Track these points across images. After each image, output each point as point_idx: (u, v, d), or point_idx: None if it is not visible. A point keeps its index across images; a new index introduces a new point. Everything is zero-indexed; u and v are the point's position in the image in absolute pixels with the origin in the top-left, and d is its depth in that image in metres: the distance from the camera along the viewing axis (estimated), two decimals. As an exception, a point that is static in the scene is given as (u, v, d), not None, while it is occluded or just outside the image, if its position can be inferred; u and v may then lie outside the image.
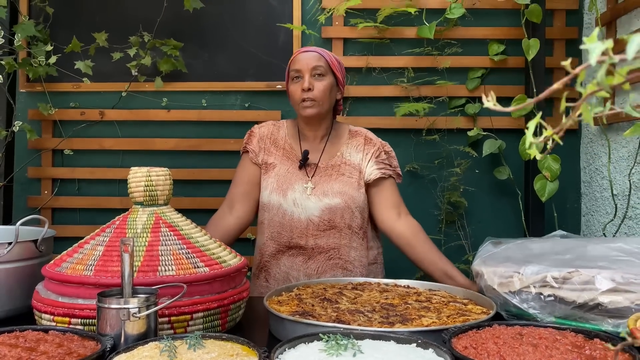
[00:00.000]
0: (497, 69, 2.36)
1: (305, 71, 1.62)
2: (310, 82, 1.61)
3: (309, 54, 1.65)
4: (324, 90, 1.63)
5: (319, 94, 1.62)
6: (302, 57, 1.65)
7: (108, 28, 2.31)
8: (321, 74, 1.63)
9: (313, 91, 1.62)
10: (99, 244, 1.14)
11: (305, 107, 1.62)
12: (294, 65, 1.65)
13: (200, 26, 2.37)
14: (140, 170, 1.19)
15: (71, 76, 2.34)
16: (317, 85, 1.62)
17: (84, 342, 0.91)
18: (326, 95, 1.64)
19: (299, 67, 1.63)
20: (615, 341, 0.89)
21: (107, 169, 2.39)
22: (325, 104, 1.65)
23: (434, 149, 2.37)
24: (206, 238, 1.21)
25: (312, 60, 1.63)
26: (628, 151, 1.98)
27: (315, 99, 1.62)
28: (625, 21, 2.02)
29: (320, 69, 1.63)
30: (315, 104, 1.62)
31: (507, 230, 2.36)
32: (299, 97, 1.63)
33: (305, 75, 1.62)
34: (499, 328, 0.94)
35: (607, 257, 1.20)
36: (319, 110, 1.63)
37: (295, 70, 1.64)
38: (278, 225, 1.64)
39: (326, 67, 1.65)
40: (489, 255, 1.36)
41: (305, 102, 1.62)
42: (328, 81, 1.64)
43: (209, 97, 2.39)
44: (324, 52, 1.67)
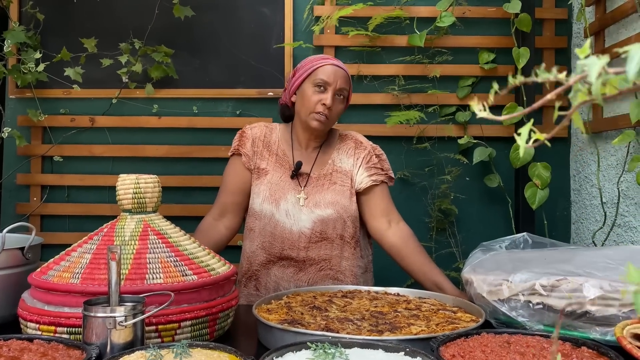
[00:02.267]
0: (488, 78, 2.38)
1: (332, 87, 1.59)
2: (333, 100, 1.59)
3: (340, 71, 1.61)
4: (339, 113, 1.65)
5: (334, 115, 1.62)
6: (332, 70, 1.60)
7: (98, 34, 2.31)
8: (343, 97, 1.63)
9: (331, 111, 1.60)
10: (86, 252, 1.13)
11: (316, 120, 1.60)
12: (322, 74, 1.59)
13: (191, 33, 2.37)
14: (128, 177, 1.19)
15: (61, 82, 2.33)
16: (335, 106, 1.61)
17: (69, 352, 0.90)
18: (337, 118, 1.66)
19: (328, 80, 1.59)
20: (603, 349, 0.90)
21: (97, 175, 2.38)
22: (332, 124, 1.67)
23: (424, 157, 2.38)
24: (195, 246, 1.20)
25: (342, 80, 1.61)
26: (617, 159, 2.00)
27: (329, 118, 1.61)
28: (614, 31, 2.04)
29: (344, 93, 1.63)
30: (326, 122, 1.61)
31: (497, 237, 2.36)
32: (314, 108, 1.59)
33: (330, 91, 1.59)
34: (487, 336, 0.94)
35: (595, 265, 1.20)
36: (325, 128, 1.64)
37: (322, 80, 1.59)
38: (270, 235, 1.62)
39: (348, 93, 1.65)
40: (479, 262, 1.36)
41: (319, 116, 1.59)
42: (344, 106, 1.66)
43: (200, 104, 2.39)
44: (349, 75, 1.66)
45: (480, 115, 0.52)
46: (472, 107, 0.51)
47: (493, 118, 0.52)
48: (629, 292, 0.41)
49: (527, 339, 0.93)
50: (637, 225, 1.87)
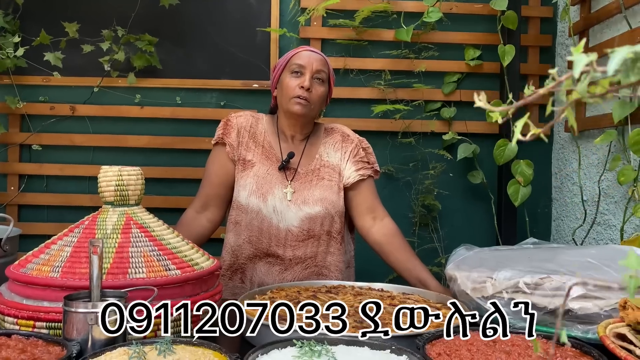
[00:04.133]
0: (473, 74, 2.38)
1: (309, 70, 1.58)
2: (310, 82, 1.57)
3: (315, 55, 1.61)
4: (320, 96, 1.61)
5: (315, 97, 1.59)
6: (307, 54, 1.60)
7: (80, 20, 2.25)
8: (322, 80, 1.61)
9: (311, 92, 1.58)
10: (66, 245, 1.10)
11: (297, 103, 1.57)
12: (297, 59, 1.59)
13: (175, 22, 2.33)
14: (111, 169, 1.16)
15: (41, 69, 2.28)
16: (315, 88, 1.59)
17: (48, 348, 0.88)
18: (319, 102, 1.62)
19: (303, 63, 1.58)
20: (586, 348, 0.91)
21: (78, 165, 2.33)
22: (315, 109, 1.63)
23: (409, 152, 2.38)
24: (178, 240, 1.18)
25: (318, 62, 1.60)
26: (598, 158, 2.02)
27: (310, 101, 1.58)
28: (598, 30, 2.06)
29: (323, 75, 1.60)
30: (308, 105, 1.58)
31: (479, 233, 2.39)
32: (293, 92, 1.57)
33: (307, 73, 1.58)
34: (472, 334, 0.94)
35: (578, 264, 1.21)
36: (308, 112, 1.60)
37: (298, 65, 1.58)
38: (257, 230, 1.60)
39: (327, 75, 1.63)
40: (463, 259, 1.37)
41: (299, 99, 1.57)
42: (324, 89, 1.62)
43: (183, 95, 2.36)
44: (327, 59, 1.65)
45: (477, 105, 0.52)
46: (475, 100, 0.51)
47: (491, 109, 0.52)
48: (620, 280, 0.41)
49: (512, 337, 0.94)
50: (616, 223, 1.90)
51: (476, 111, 2.36)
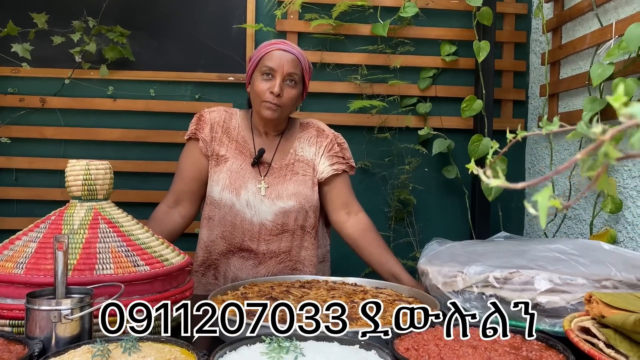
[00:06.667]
0: (448, 70, 2.40)
1: (279, 74, 1.53)
2: (281, 87, 1.53)
3: (287, 55, 1.55)
4: (292, 99, 1.57)
5: (286, 101, 1.55)
6: (279, 55, 1.54)
7: (49, 10, 2.20)
8: (294, 82, 1.56)
9: (282, 97, 1.54)
10: (31, 241, 1.08)
11: (267, 109, 1.54)
12: (268, 61, 1.54)
13: (149, 13, 2.29)
14: (78, 163, 1.14)
15: (9, 60, 2.22)
16: (286, 92, 1.55)
17: (9, 346, 0.85)
18: (291, 104, 1.58)
19: (273, 66, 1.53)
20: (551, 341, 0.92)
21: (48, 159, 2.28)
22: (287, 111, 1.60)
23: (385, 147, 2.39)
24: (148, 235, 1.17)
25: (290, 65, 1.54)
26: (570, 154, 2.05)
27: (281, 105, 1.55)
28: (570, 28, 2.09)
29: (295, 77, 1.55)
30: (278, 110, 1.55)
31: (453, 228, 2.41)
32: (264, 97, 1.54)
33: (277, 77, 1.53)
34: (441, 329, 0.95)
35: (547, 258, 1.23)
36: (280, 116, 1.58)
37: (268, 67, 1.53)
38: (230, 225, 1.59)
39: (300, 76, 1.57)
40: (434, 254, 1.38)
41: (269, 104, 1.54)
42: (297, 91, 1.58)
43: (157, 87, 2.32)
44: (301, 57, 1.58)
45: (493, 185, 0.48)
46: (480, 175, 0.47)
47: (506, 186, 0.47)
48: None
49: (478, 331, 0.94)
50: (586, 218, 1.93)
51: (451, 107, 2.38)
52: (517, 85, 2.43)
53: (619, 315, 0.89)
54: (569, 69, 2.09)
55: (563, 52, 2.08)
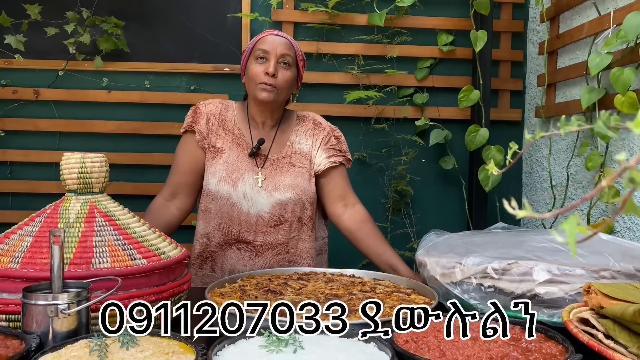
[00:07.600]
0: (445, 60, 2.38)
1: (273, 55, 1.55)
2: (275, 68, 1.54)
3: (280, 39, 1.58)
4: (287, 80, 1.57)
5: (281, 82, 1.56)
6: (272, 39, 1.57)
7: (42, 1, 2.17)
8: (288, 64, 1.57)
9: (277, 78, 1.55)
10: (27, 235, 1.07)
11: (263, 90, 1.55)
12: (261, 44, 1.57)
13: (143, 4, 2.26)
14: (73, 156, 1.12)
15: (2, 52, 2.19)
16: (281, 73, 1.56)
17: (6, 341, 0.85)
18: (287, 86, 1.59)
19: (267, 49, 1.55)
20: (550, 332, 0.92)
21: (42, 151, 2.26)
22: (283, 94, 1.60)
23: (382, 138, 2.38)
24: (144, 228, 1.16)
25: (283, 47, 1.56)
26: (567, 144, 2.05)
27: (277, 86, 1.55)
28: (568, 17, 2.08)
29: (288, 59, 1.57)
30: (274, 91, 1.56)
31: (451, 218, 2.41)
32: (259, 79, 1.55)
33: (272, 59, 1.55)
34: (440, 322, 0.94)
35: (545, 249, 1.23)
36: (276, 98, 1.58)
37: (262, 50, 1.56)
38: (227, 217, 1.58)
39: (293, 59, 1.59)
40: (432, 245, 1.38)
41: (265, 86, 1.55)
42: (292, 73, 1.59)
43: (152, 79, 2.30)
44: (294, 43, 1.61)
45: (520, 216, 0.46)
46: (508, 209, 0.44)
47: (532, 216, 0.46)
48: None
49: (478, 323, 0.94)
50: (584, 208, 1.93)
51: (448, 97, 2.37)
52: (514, 75, 2.42)
53: (618, 306, 0.89)
54: (567, 58, 2.08)
55: (561, 42, 2.07)
